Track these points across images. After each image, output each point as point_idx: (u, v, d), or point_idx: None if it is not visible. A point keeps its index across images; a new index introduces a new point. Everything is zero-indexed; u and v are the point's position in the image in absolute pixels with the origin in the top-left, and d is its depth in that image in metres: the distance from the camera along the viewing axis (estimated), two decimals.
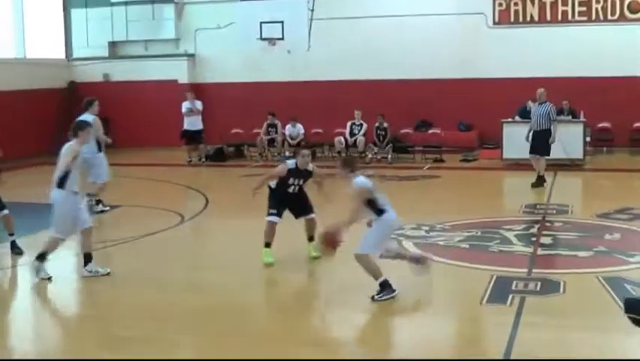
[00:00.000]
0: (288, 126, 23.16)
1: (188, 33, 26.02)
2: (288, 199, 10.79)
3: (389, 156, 22.08)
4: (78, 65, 26.79)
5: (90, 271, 10.29)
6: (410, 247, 11.66)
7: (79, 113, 14.59)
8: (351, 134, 22.61)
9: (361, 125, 22.59)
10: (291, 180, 10.75)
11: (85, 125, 10.57)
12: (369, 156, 22.23)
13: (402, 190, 18.30)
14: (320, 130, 23.74)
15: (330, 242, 8.95)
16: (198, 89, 24.11)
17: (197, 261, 10.67)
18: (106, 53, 26.77)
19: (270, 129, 23.40)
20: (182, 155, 22.88)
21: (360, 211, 8.92)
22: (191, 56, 26.09)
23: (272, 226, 10.75)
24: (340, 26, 23.97)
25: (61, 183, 9.86)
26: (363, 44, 23.96)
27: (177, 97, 24.60)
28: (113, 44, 26.92)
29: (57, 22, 26.84)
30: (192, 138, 22.95)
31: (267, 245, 10.76)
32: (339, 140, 22.58)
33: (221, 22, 24.57)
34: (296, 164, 10.72)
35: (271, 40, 21.90)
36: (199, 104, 22.97)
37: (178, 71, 25.81)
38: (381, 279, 8.96)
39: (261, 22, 21.79)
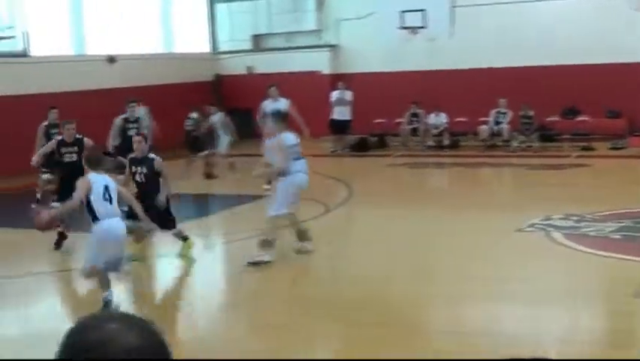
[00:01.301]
0: (432, 115, 23.00)
1: (329, 24, 26.18)
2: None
3: (535, 145, 21.58)
4: (223, 59, 27.41)
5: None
6: (559, 237, 11.38)
7: (224, 105, 14.90)
8: (496, 122, 22.23)
9: (506, 113, 22.16)
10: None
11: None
12: (514, 144, 21.80)
13: (549, 179, 17.91)
14: (464, 119, 23.40)
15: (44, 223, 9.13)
16: (341, 80, 24.19)
17: (342, 251, 10.72)
18: (249, 46, 27.30)
19: (412, 119, 23.29)
20: (324, 145, 23.01)
21: (76, 202, 8.54)
22: (333, 46, 26.24)
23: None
24: (482, 13, 23.54)
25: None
26: (505, 30, 23.45)
27: (320, 88, 24.77)
28: (255, 37, 27.42)
29: (202, 16, 27.55)
30: (339, 128, 23.09)
31: None
32: (483, 128, 22.25)
33: (361, 12, 24.57)
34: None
35: (412, 29, 21.77)
36: (349, 95, 23.01)
37: (320, 62, 26.00)
38: (105, 294, 8.43)
39: (402, 11, 21.70)
